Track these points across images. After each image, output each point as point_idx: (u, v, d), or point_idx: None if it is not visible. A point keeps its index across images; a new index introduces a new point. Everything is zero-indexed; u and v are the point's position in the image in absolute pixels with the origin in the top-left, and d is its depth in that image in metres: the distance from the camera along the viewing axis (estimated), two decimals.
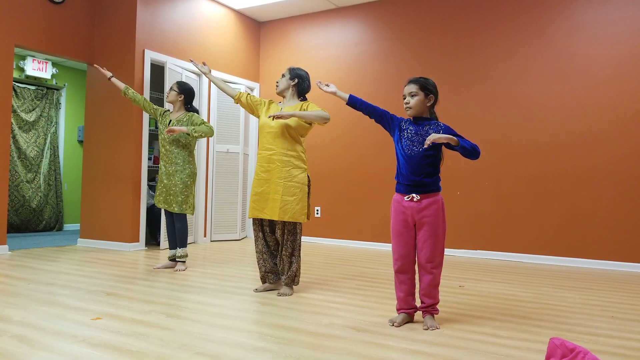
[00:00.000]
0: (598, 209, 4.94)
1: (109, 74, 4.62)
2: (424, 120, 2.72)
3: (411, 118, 2.76)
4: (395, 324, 2.64)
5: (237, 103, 3.63)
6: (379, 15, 6.25)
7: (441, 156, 2.74)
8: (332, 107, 6.47)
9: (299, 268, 3.43)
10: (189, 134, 4.19)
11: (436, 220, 2.64)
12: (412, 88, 2.69)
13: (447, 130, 2.66)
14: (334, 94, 2.95)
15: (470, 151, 2.56)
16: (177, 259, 4.32)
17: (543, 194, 5.19)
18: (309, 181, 3.45)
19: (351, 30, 6.45)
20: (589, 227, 4.97)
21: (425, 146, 2.55)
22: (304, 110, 3.39)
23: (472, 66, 5.61)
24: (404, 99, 2.72)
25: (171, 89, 4.42)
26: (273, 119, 3.31)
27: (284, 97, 3.56)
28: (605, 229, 4.90)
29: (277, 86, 3.54)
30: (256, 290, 3.46)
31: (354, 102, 2.88)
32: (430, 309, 2.68)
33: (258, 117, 3.58)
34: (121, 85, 4.55)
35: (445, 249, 5.46)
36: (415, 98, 2.68)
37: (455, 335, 2.49)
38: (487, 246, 5.45)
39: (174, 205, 4.25)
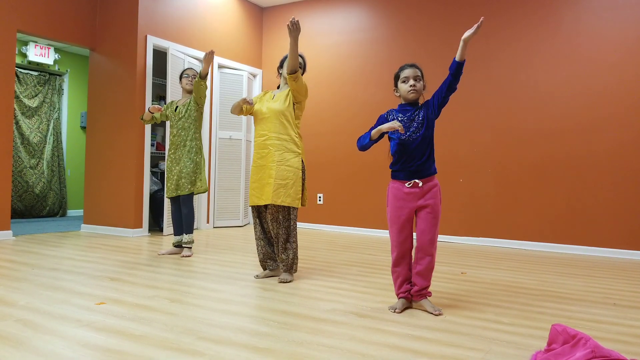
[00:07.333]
0: (601, 196, 4.93)
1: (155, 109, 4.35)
2: (413, 105, 2.73)
3: (397, 107, 2.77)
4: (396, 310, 2.65)
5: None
6: (383, 2, 6.18)
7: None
8: (330, 95, 6.44)
9: (296, 254, 3.42)
10: (202, 78, 4.22)
11: (436, 203, 2.69)
12: (418, 72, 2.70)
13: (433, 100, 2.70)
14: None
15: (461, 71, 2.59)
16: (183, 245, 4.34)
17: (546, 181, 5.18)
18: (303, 166, 3.42)
19: (354, 16, 6.39)
20: (592, 215, 4.96)
21: (466, 36, 2.50)
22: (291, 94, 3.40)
23: (477, 53, 5.56)
24: (406, 82, 2.68)
25: (193, 77, 4.39)
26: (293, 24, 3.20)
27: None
28: (608, 216, 4.89)
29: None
30: (257, 276, 3.47)
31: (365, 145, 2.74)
32: (425, 292, 2.71)
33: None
34: (148, 116, 4.39)
35: (448, 236, 5.57)
36: (421, 82, 2.71)
37: (457, 322, 2.50)
38: (489, 233, 5.45)
39: (186, 188, 4.27)
